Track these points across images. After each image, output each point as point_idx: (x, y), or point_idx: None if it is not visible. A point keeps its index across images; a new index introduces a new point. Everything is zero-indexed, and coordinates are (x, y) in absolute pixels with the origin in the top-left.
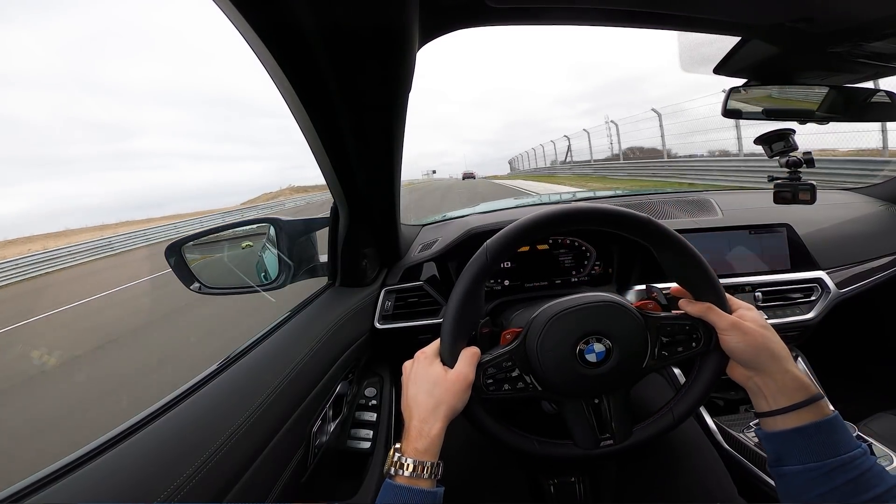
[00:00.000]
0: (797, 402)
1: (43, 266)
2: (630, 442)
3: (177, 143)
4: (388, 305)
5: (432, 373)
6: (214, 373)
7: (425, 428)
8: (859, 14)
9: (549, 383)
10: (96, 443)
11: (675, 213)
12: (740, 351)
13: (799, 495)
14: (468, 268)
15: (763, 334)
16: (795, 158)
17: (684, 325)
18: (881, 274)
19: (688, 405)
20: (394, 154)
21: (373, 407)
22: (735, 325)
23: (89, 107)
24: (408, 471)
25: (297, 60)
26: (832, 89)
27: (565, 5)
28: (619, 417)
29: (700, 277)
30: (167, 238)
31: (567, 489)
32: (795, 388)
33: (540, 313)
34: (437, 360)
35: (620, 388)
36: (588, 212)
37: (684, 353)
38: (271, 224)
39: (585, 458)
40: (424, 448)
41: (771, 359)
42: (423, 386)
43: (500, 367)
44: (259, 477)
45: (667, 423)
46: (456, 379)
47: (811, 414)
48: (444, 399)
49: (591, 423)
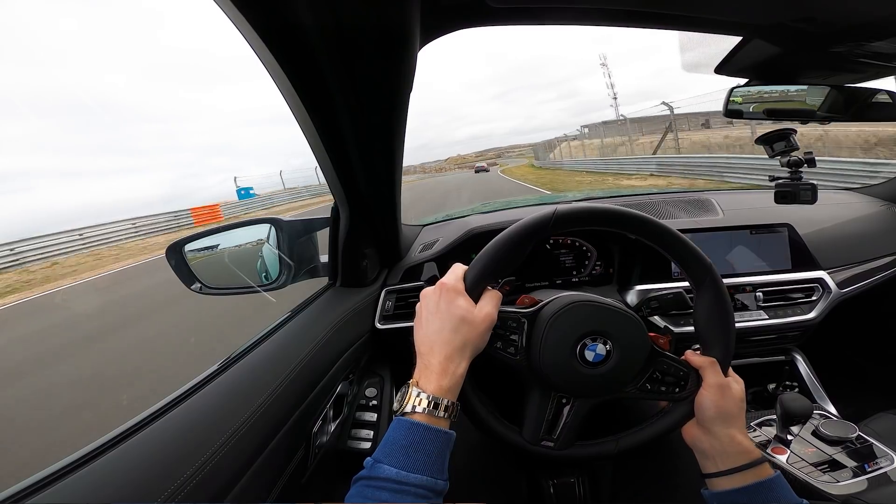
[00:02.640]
0: (740, 465)
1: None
2: (566, 453)
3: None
4: (388, 306)
5: (459, 308)
6: (215, 373)
7: (451, 366)
8: (861, 13)
9: (538, 362)
10: (97, 443)
11: (675, 212)
12: (707, 408)
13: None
14: (529, 218)
15: (736, 404)
16: (796, 158)
17: (680, 369)
18: (882, 274)
19: (634, 441)
20: (394, 154)
21: (373, 407)
22: (721, 387)
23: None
24: (429, 407)
25: (299, 61)
26: (833, 89)
27: (566, 5)
28: (570, 427)
29: (722, 333)
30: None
31: (567, 489)
32: (739, 451)
33: (564, 296)
34: (462, 293)
35: (595, 396)
36: (661, 231)
37: (665, 394)
38: (272, 224)
39: (521, 448)
40: (449, 386)
41: (724, 423)
42: (450, 322)
43: (504, 323)
44: (259, 477)
45: (607, 450)
46: (484, 318)
47: (754, 475)
48: (471, 338)
49: (543, 421)
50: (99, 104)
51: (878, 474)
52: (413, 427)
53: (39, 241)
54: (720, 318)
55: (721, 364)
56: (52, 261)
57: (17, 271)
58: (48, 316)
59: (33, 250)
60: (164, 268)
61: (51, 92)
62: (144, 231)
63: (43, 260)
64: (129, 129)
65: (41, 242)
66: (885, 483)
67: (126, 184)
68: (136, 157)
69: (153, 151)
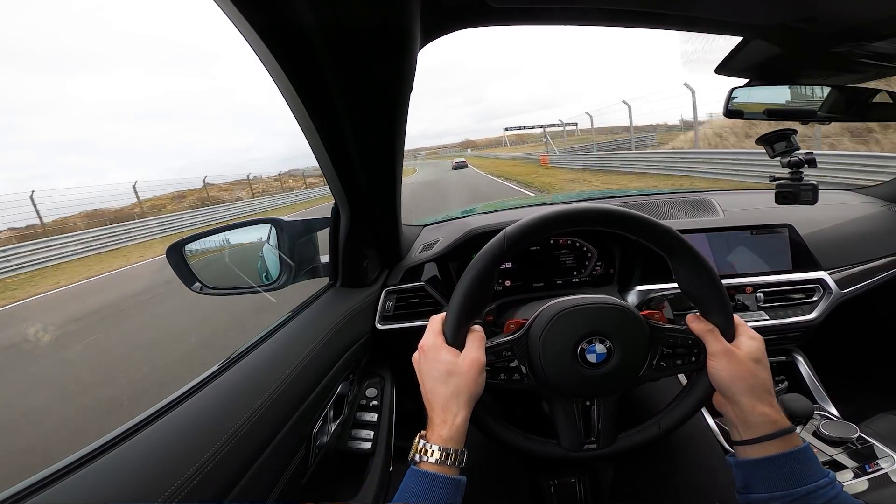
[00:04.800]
0: (762, 435)
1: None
2: (613, 448)
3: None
4: (389, 306)
5: (444, 361)
6: (215, 373)
7: (448, 416)
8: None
9: (545, 378)
10: (97, 443)
11: (675, 213)
12: (720, 378)
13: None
14: (484, 251)
15: (749, 368)
16: (797, 159)
17: (687, 339)
18: (883, 274)
19: (675, 419)
20: (395, 154)
21: (373, 407)
22: (726, 354)
23: None
24: (433, 457)
25: (299, 61)
26: (834, 89)
27: (567, 5)
28: (607, 422)
29: (712, 296)
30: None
31: (567, 489)
32: (763, 421)
33: (547, 308)
34: (442, 347)
35: (613, 392)
36: (608, 214)
37: (682, 366)
38: (272, 224)
39: (565, 458)
40: (449, 436)
41: (745, 393)
42: (439, 377)
43: (499, 355)
44: (260, 477)
45: (652, 434)
46: (470, 365)
47: (780, 444)
48: (462, 386)
49: (578, 426)
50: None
51: (879, 475)
52: (421, 476)
53: None
54: (702, 278)
55: (721, 327)
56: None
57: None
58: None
59: None
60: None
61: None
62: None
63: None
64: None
65: None
66: (886, 484)
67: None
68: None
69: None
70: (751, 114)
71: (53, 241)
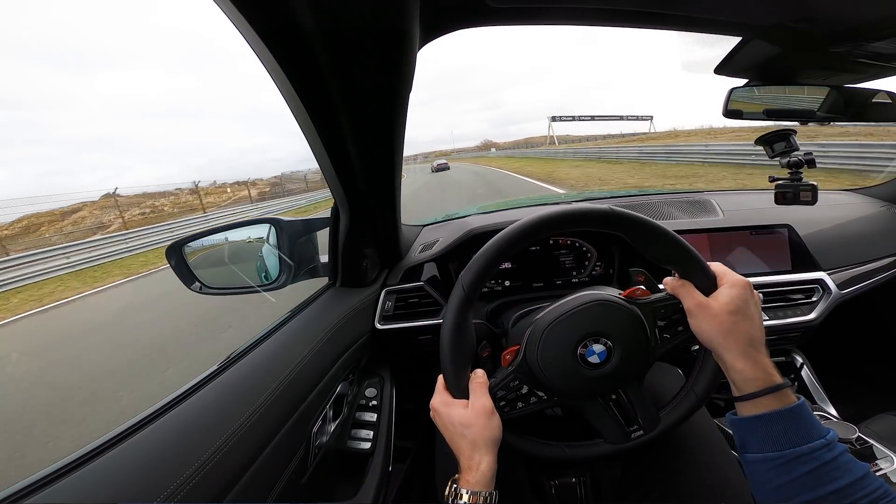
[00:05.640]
0: (753, 392)
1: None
2: (660, 428)
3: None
4: (388, 306)
5: (455, 416)
6: (215, 373)
7: (473, 464)
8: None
9: (559, 392)
10: (97, 443)
11: (675, 213)
12: (700, 335)
13: (762, 484)
14: (450, 303)
15: (723, 322)
16: (797, 159)
17: (677, 303)
18: (883, 275)
19: (706, 381)
20: (394, 154)
21: (373, 407)
22: (700, 308)
23: None
24: (461, 500)
25: (298, 61)
26: (833, 89)
27: (566, 5)
28: (643, 407)
29: (676, 253)
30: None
31: (568, 489)
32: (748, 379)
33: (533, 327)
34: (451, 403)
35: (633, 379)
36: (549, 220)
37: (687, 331)
38: (272, 224)
39: (618, 452)
40: (475, 481)
41: (726, 348)
42: (455, 431)
43: (508, 387)
44: (259, 477)
45: (691, 403)
46: (479, 413)
47: (773, 402)
48: (479, 436)
49: (616, 419)
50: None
51: (879, 475)
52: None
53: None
54: (659, 242)
55: (699, 282)
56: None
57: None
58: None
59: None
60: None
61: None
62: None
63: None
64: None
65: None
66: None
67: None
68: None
69: (5, 144)
70: (750, 114)
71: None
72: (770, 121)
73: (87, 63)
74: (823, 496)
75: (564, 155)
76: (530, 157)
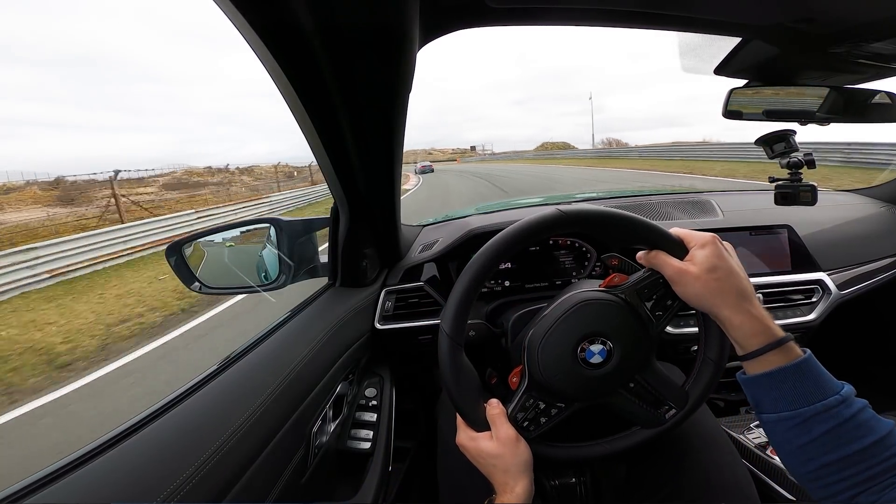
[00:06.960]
0: (758, 349)
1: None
2: (692, 402)
3: (31, 109)
4: (388, 306)
5: (484, 449)
6: (214, 373)
7: (507, 488)
8: (860, 15)
9: (575, 398)
10: (96, 443)
11: (675, 213)
12: (688, 300)
13: (782, 445)
14: (440, 353)
15: (706, 281)
16: (796, 159)
17: (658, 278)
18: (882, 275)
19: (716, 344)
20: (394, 154)
21: (373, 407)
22: (680, 274)
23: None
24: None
25: (298, 61)
26: (833, 90)
27: (565, 5)
28: (665, 385)
29: (637, 231)
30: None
31: (568, 489)
32: (748, 335)
33: (529, 344)
34: (476, 437)
35: (644, 363)
36: (498, 248)
37: (677, 302)
38: (271, 224)
39: (660, 435)
40: (510, 502)
41: (718, 307)
42: (486, 462)
43: (525, 408)
44: (259, 477)
45: (712, 372)
46: (505, 443)
47: (778, 358)
48: (509, 463)
49: (644, 405)
50: (104, 59)
51: None
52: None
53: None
54: (619, 226)
55: (668, 250)
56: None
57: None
58: None
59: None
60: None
61: (52, 41)
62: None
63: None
64: (134, 88)
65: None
66: None
67: (123, 141)
68: (137, 117)
69: (154, 113)
70: (749, 114)
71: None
72: (770, 121)
73: (218, 46)
74: (848, 456)
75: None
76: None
